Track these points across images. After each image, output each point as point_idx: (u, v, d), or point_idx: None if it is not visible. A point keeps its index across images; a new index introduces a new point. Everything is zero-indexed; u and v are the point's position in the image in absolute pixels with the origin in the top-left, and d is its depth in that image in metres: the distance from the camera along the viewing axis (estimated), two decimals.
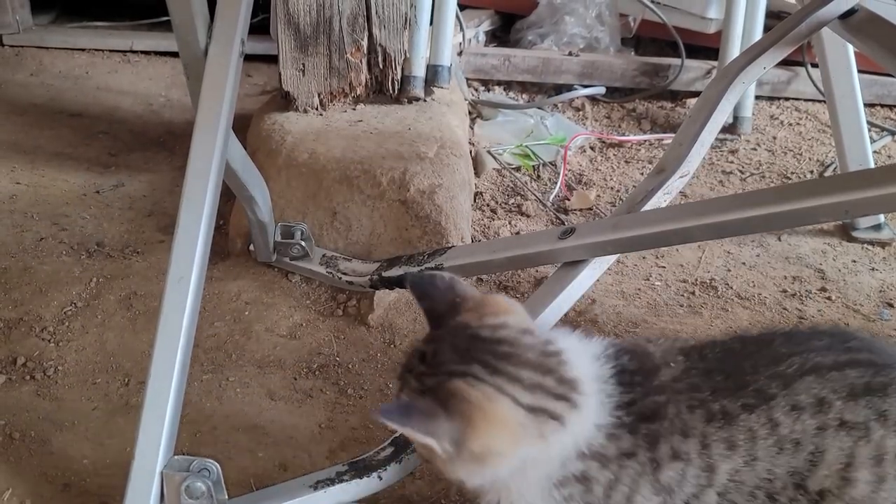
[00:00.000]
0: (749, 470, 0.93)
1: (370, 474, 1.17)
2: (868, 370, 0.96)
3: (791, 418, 0.93)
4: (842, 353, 0.98)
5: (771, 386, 0.95)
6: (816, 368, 0.96)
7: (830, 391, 0.94)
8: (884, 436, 0.92)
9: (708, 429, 0.91)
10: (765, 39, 1.59)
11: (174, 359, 1.12)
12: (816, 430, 0.93)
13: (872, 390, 0.94)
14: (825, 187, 1.16)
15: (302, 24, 1.90)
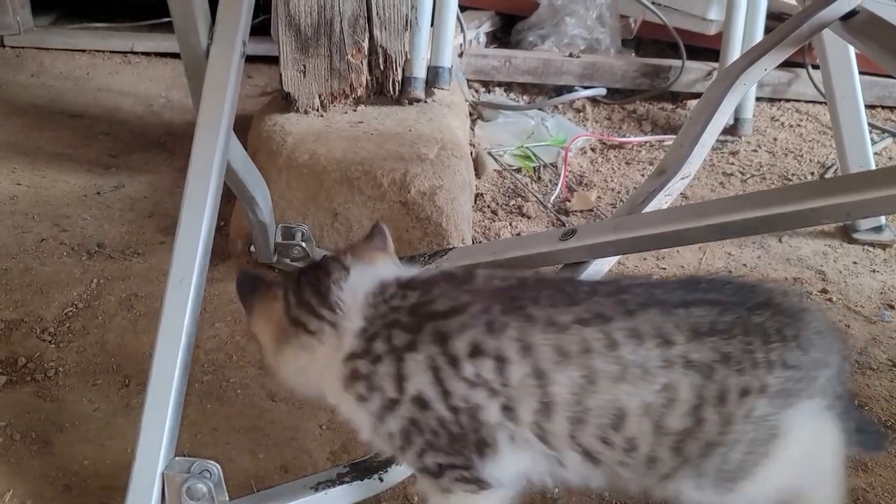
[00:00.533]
0: (592, 392, 0.92)
1: (371, 476, 1.17)
2: (714, 309, 0.96)
3: (632, 344, 0.93)
4: (689, 293, 0.99)
5: (610, 309, 0.95)
6: (661, 303, 0.96)
7: (674, 327, 0.94)
8: (726, 375, 0.93)
9: (526, 331, 0.93)
10: (766, 41, 1.59)
11: (175, 360, 1.12)
12: (663, 364, 0.93)
13: (716, 330, 0.94)
14: (826, 189, 1.16)
15: (303, 25, 1.90)
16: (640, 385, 0.93)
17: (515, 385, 0.93)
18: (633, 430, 0.94)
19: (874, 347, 1.62)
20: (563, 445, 0.96)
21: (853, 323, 1.69)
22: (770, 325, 0.96)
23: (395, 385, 0.96)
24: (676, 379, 0.93)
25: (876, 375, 1.54)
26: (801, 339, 0.96)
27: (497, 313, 0.94)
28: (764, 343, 0.94)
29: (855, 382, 1.52)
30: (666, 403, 0.93)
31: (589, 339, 0.93)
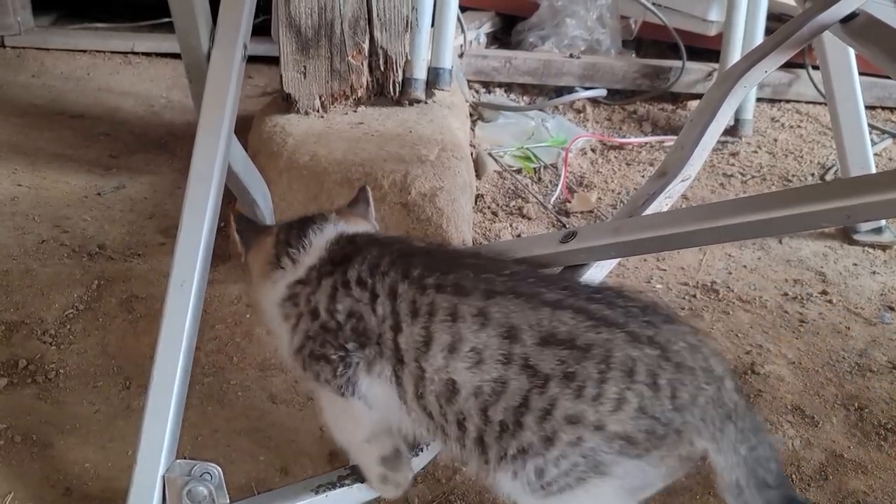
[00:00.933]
0: (425, 353, 1.00)
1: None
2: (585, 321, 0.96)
3: (476, 323, 0.98)
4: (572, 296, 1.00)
5: (472, 284, 1.01)
6: (530, 296, 0.99)
7: (527, 325, 0.97)
8: (557, 396, 0.94)
9: (399, 283, 1.04)
10: (766, 43, 1.59)
11: (176, 362, 1.12)
12: (501, 358, 0.97)
13: (575, 346, 0.95)
14: (827, 192, 1.16)
15: (303, 26, 1.90)
16: (473, 367, 0.98)
17: (380, 318, 1.05)
18: (462, 407, 0.99)
19: (874, 349, 1.62)
20: (411, 401, 1.04)
21: (853, 325, 1.69)
22: (644, 364, 0.93)
23: (306, 302, 1.11)
24: (507, 376, 0.96)
25: (876, 377, 1.54)
26: (679, 394, 0.93)
27: (385, 264, 1.07)
28: (626, 376, 0.93)
29: (854, 384, 1.52)
30: (492, 394, 0.97)
31: (436, 304, 1.01)
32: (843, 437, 1.41)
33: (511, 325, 0.97)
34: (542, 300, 0.99)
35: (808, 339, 1.64)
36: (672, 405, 0.93)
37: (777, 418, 1.44)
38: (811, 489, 1.31)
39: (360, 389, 1.08)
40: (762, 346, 1.61)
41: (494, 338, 0.97)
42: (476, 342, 0.98)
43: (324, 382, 1.11)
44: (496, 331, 0.97)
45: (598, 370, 0.93)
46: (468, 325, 0.98)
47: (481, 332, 0.98)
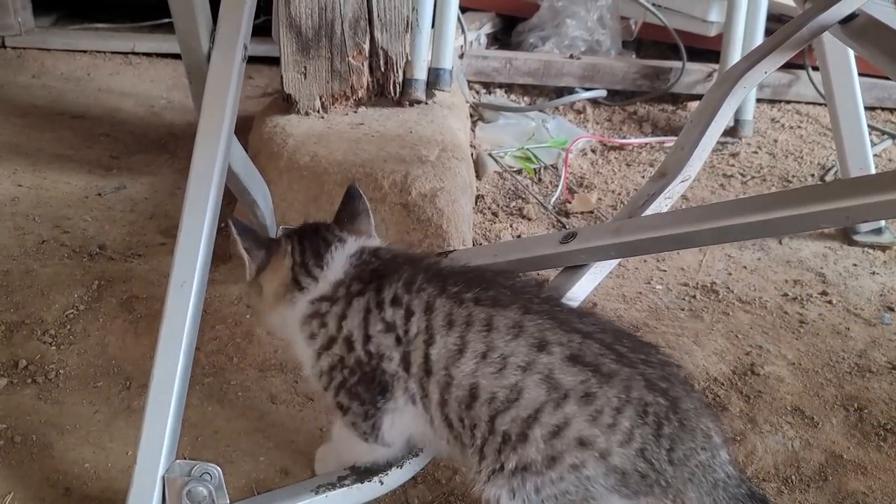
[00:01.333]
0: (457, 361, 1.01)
1: (372, 479, 1.17)
2: (610, 354, 0.98)
3: (510, 334, 1.00)
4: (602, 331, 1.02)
5: (510, 300, 1.04)
6: (563, 321, 1.02)
7: (558, 343, 0.99)
8: (574, 415, 0.95)
9: (437, 298, 1.06)
10: (766, 44, 1.59)
11: (176, 363, 1.12)
12: (524, 364, 0.98)
13: (600, 372, 0.97)
14: (827, 193, 1.16)
15: (304, 27, 1.90)
16: (496, 373, 0.99)
17: (412, 337, 1.06)
18: (476, 412, 1.01)
19: (874, 350, 1.62)
20: (435, 412, 1.06)
21: (853, 325, 1.69)
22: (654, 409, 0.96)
23: (337, 323, 1.11)
24: (525, 384, 0.98)
25: (875, 378, 1.54)
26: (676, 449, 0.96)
27: (420, 280, 1.08)
28: (638, 415, 0.95)
29: (854, 385, 1.52)
30: (506, 401, 0.99)
31: (473, 315, 1.02)
32: (843, 438, 1.41)
33: (543, 338, 0.99)
34: (573, 327, 1.01)
35: (807, 340, 1.64)
36: (668, 457, 0.95)
37: (777, 419, 1.44)
38: (811, 490, 1.31)
39: (382, 435, 1.13)
40: (762, 347, 1.61)
41: (523, 347, 0.99)
42: (506, 350, 1.00)
43: (349, 418, 1.13)
44: (527, 341, 1.00)
45: (617, 399, 0.96)
46: (502, 336, 1.01)
47: (511, 343, 1.00)
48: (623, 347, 1.01)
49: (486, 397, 1.00)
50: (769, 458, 1.36)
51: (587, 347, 0.99)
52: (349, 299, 1.11)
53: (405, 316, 1.07)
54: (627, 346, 1.02)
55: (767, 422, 1.43)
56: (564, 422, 0.96)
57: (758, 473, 1.33)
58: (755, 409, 1.45)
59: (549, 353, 0.98)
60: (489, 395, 1.00)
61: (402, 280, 1.09)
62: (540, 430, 0.96)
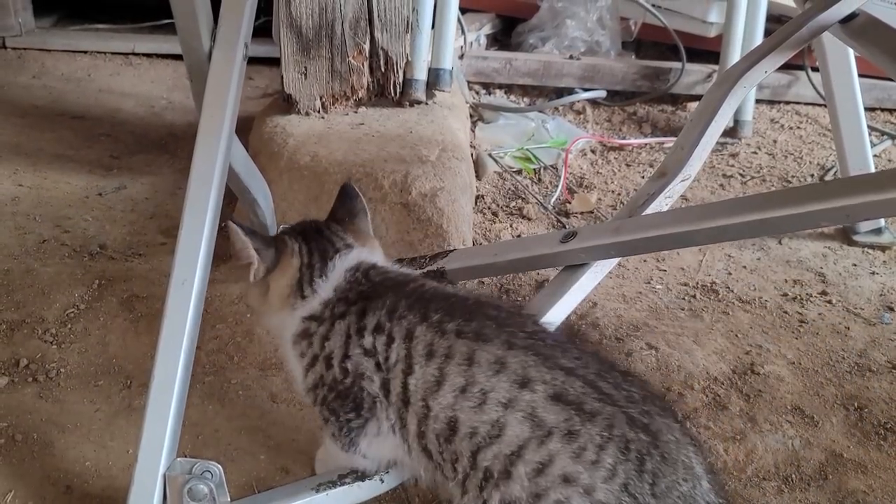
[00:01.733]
0: (435, 393, 1.02)
1: (371, 477, 1.17)
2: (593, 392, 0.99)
3: (491, 370, 1.00)
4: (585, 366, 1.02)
5: (494, 334, 1.03)
6: (547, 357, 1.01)
7: (541, 381, 0.99)
8: (557, 452, 0.95)
9: (417, 325, 1.06)
10: (766, 44, 1.60)
11: (177, 361, 1.13)
12: (506, 401, 0.98)
13: (583, 410, 0.97)
14: (826, 192, 1.16)
15: (304, 27, 1.90)
16: (476, 408, 0.99)
17: (391, 365, 1.06)
18: (457, 447, 1.01)
19: (873, 349, 1.62)
20: (413, 442, 1.06)
21: (853, 325, 1.69)
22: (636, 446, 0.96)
23: (320, 343, 1.12)
24: (507, 421, 0.98)
25: (875, 377, 1.54)
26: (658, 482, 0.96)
27: (403, 307, 1.08)
28: (620, 452, 0.95)
29: (854, 384, 1.52)
30: (487, 436, 0.99)
31: (454, 348, 1.02)
32: (843, 437, 1.41)
33: (525, 376, 1.00)
34: (557, 363, 1.01)
35: (807, 340, 1.65)
36: (651, 491, 0.95)
37: (777, 418, 1.44)
38: (811, 489, 1.31)
39: (360, 448, 1.14)
40: (762, 347, 1.61)
41: (504, 384, 0.99)
42: (486, 385, 1.00)
43: (329, 430, 1.16)
44: (509, 377, 1.00)
45: (600, 437, 0.96)
46: (484, 372, 1.01)
47: (493, 378, 1.00)
48: (605, 383, 1.01)
49: (466, 432, 1.00)
50: (769, 457, 1.36)
51: (570, 385, 0.99)
52: (332, 321, 1.12)
53: (386, 343, 1.07)
54: (610, 381, 1.02)
55: (767, 421, 1.43)
56: (549, 459, 0.96)
57: (758, 472, 1.34)
58: (755, 409, 1.46)
59: (532, 390, 0.98)
60: (469, 429, 1.00)
61: (385, 307, 1.09)
62: (524, 467, 0.96)
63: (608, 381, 1.02)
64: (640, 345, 1.59)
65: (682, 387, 1.49)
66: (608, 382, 1.01)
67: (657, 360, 1.55)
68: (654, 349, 1.58)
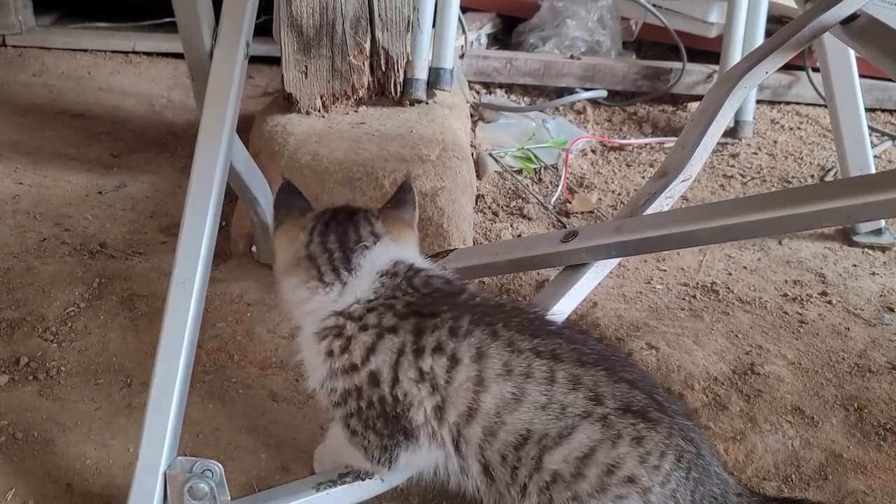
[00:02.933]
0: (513, 409, 1.03)
1: (372, 476, 1.17)
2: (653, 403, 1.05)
3: (569, 386, 1.03)
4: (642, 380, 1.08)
5: (566, 353, 1.06)
6: (611, 370, 1.06)
7: (611, 394, 1.04)
8: (625, 454, 1.01)
9: (486, 342, 1.05)
10: (766, 44, 1.60)
11: (178, 360, 1.13)
12: (582, 413, 1.02)
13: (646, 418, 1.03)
14: (827, 192, 1.16)
15: (305, 26, 1.91)
16: (551, 418, 1.03)
17: (456, 385, 1.04)
18: (524, 452, 1.03)
19: (873, 350, 1.62)
20: (471, 454, 1.06)
21: (853, 326, 1.69)
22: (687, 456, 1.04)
23: (364, 355, 1.06)
24: (583, 428, 1.02)
25: (875, 378, 1.55)
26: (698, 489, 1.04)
27: (466, 323, 1.06)
28: (676, 460, 1.03)
29: (854, 385, 1.53)
30: (557, 439, 1.02)
31: (534, 367, 1.04)
32: (843, 437, 1.41)
33: (597, 390, 1.04)
34: (619, 374, 1.06)
35: (807, 340, 1.65)
36: (691, 497, 1.03)
37: (777, 418, 1.44)
38: (811, 489, 1.31)
39: (398, 465, 1.12)
40: (762, 347, 1.62)
41: (581, 399, 1.03)
42: (564, 400, 1.03)
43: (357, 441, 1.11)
44: (584, 393, 1.03)
45: (663, 444, 1.03)
46: (562, 389, 1.03)
47: (570, 395, 1.03)
48: (659, 396, 1.07)
49: (537, 438, 1.03)
50: (769, 458, 1.36)
51: (634, 397, 1.04)
52: (380, 332, 1.07)
53: (448, 364, 1.04)
54: (660, 395, 1.08)
55: (767, 421, 1.43)
56: (618, 461, 1.01)
57: (758, 472, 1.34)
58: (755, 409, 1.46)
59: (603, 403, 1.03)
60: (541, 435, 1.03)
61: (446, 326, 1.06)
62: (596, 468, 1.01)
63: (660, 395, 1.08)
64: (640, 345, 1.59)
65: (682, 387, 1.49)
66: (660, 396, 1.08)
67: (657, 359, 1.55)
68: (654, 349, 1.58)
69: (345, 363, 1.07)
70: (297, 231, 1.15)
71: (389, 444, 1.09)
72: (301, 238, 1.14)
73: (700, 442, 1.07)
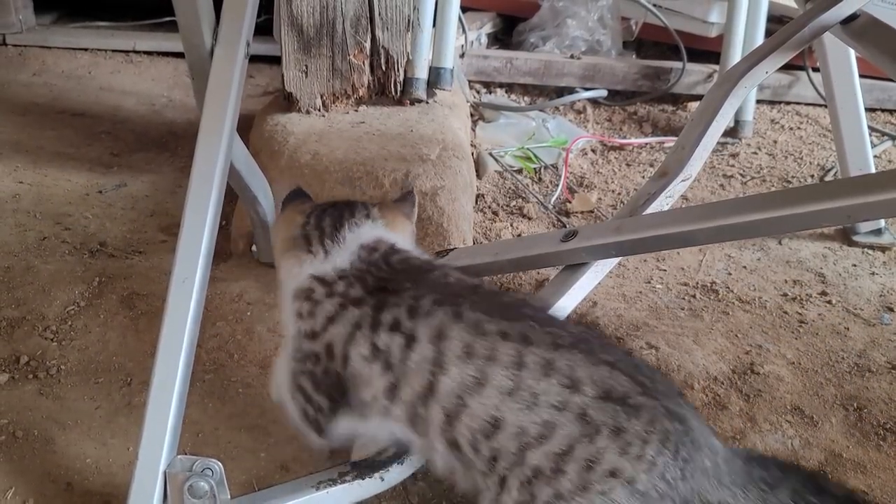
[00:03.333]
0: (477, 395, 0.99)
1: (372, 475, 1.17)
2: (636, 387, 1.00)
3: (540, 372, 0.98)
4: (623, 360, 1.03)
5: (539, 336, 1.01)
6: (590, 353, 1.01)
7: (590, 380, 0.99)
8: (605, 448, 0.96)
9: (448, 324, 1.01)
10: (767, 44, 1.60)
11: (178, 359, 1.13)
12: (557, 404, 0.98)
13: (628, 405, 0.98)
14: (827, 192, 1.16)
15: (305, 25, 1.91)
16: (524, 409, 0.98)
17: (412, 365, 1.02)
18: (499, 444, 0.99)
19: (873, 350, 1.62)
20: (434, 434, 1.03)
21: (852, 325, 1.69)
22: (674, 437, 0.98)
23: (324, 323, 1.08)
24: (560, 422, 0.97)
25: (875, 378, 1.55)
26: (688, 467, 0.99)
27: (428, 302, 1.04)
28: (661, 444, 0.97)
29: (854, 385, 1.53)
30: (538, 437, 0.98)
31: (500, 351, 0.99)
32: (843, 437, 1.41)
33: (573, 377, 0.99)
34: (600, 358, 1.01)
35: (807, 340, 1.65)
36: (682, 475, 0.98)
37: (776, 418, 1.44)
38: None
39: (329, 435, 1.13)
40: (762, 347, 1.62)
41: (555, 387, 0.98)
42: (536, 388, 0.98)
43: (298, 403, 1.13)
44: (559, 380, 0.98)
45: (644, 432, 0.97)
46: (532, 375, 0.99)
47: (542, 381, 0.98)
48: (643, 377, 1.02)
49: (513, 431, 0.99)
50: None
51: (616, 381, 0.99)
52: (344, 303, 1.07)
53: (405, 343, 1.03)
54: (646, 375, 1.03)
55: (767, 420, 1.43)
56: (597, 455, 0.97)
57: None
58: (755, 408, 1.46)
59: (581, 392, 0.98)
60: (517, 429, 0.99)
61: (405, 304, 1.04)
62: (574, 464, 0.97)
63: (645, 375, 1.02)
64: (640, 344, 1.59)
65: (682, 386, 1.49)
66: (645, 376, 1.02)
67: (657, 359, 1.55)
68: (654, 349, 1.58)
69: (308, 328, 1.10)
70: (297, 215, 1.20)
71: (327, 416, 1.11)
72: (299, 220, 1.19)
73: (690, 417, 1.01)
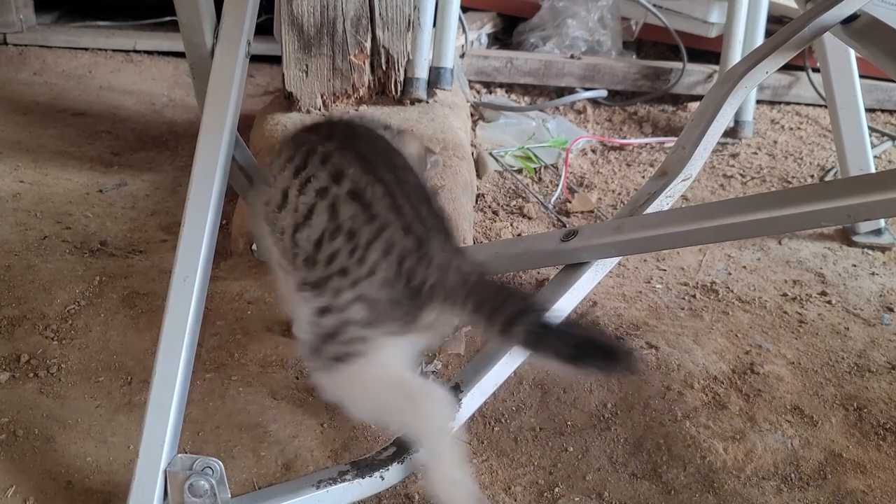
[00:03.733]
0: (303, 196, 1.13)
1: (372, 474, 1.17)
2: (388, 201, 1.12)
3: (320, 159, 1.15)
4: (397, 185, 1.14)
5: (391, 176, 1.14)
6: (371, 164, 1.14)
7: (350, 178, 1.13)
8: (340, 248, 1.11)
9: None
10: (767, 44, 1.60)
11: (178, 358, 1.13)
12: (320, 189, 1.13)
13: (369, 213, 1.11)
14: (827, 192, 1.16)
15: (306, 25, 1.91)
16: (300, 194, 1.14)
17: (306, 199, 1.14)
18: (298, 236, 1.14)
19: (873, 350, 1.63)
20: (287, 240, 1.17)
21: (852, 326, 1.70)
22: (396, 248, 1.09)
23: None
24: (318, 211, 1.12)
25: (875, 378, 1.55)
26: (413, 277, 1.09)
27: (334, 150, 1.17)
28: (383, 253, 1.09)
29: (853, 385, 1.53)
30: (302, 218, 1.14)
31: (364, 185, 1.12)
32: (842, 437, 1.41)
33: (341, 171, 1.12)
34: (376, 173, 1.13)
35: (807, 340, 1.65)
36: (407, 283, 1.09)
37: (776, 418, 1.44)
38: (810, 488, 1.31)
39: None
40: (761, 347, 1.62)
41: (324, 173, 1.13)
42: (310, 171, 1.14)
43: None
44: (329, 170, 1.13)
45: (367, 237, 1.09)
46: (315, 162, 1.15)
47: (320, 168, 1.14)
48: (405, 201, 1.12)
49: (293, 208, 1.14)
50: (768, 457, 1.36)
51: (371, 188, 1.11)
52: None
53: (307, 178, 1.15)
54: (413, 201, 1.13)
55: (767, 420, 1.43)
56: (334, 252, 1.10)
57: (757, 472, 1.34)
58: (754, 408, 1.46)
59: (339, 184, 1.11)
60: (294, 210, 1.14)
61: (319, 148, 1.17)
62: (322, 254, 1.11)
63: (410, 202, 1.12)
64: (639, 344, 1.59)
65: (681, 386, 1.50)
66: (409, 202, 1.12)
67: (657, 359, 1.55)
68: (654, 348, 1.58)
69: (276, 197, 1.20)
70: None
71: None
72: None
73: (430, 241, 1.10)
